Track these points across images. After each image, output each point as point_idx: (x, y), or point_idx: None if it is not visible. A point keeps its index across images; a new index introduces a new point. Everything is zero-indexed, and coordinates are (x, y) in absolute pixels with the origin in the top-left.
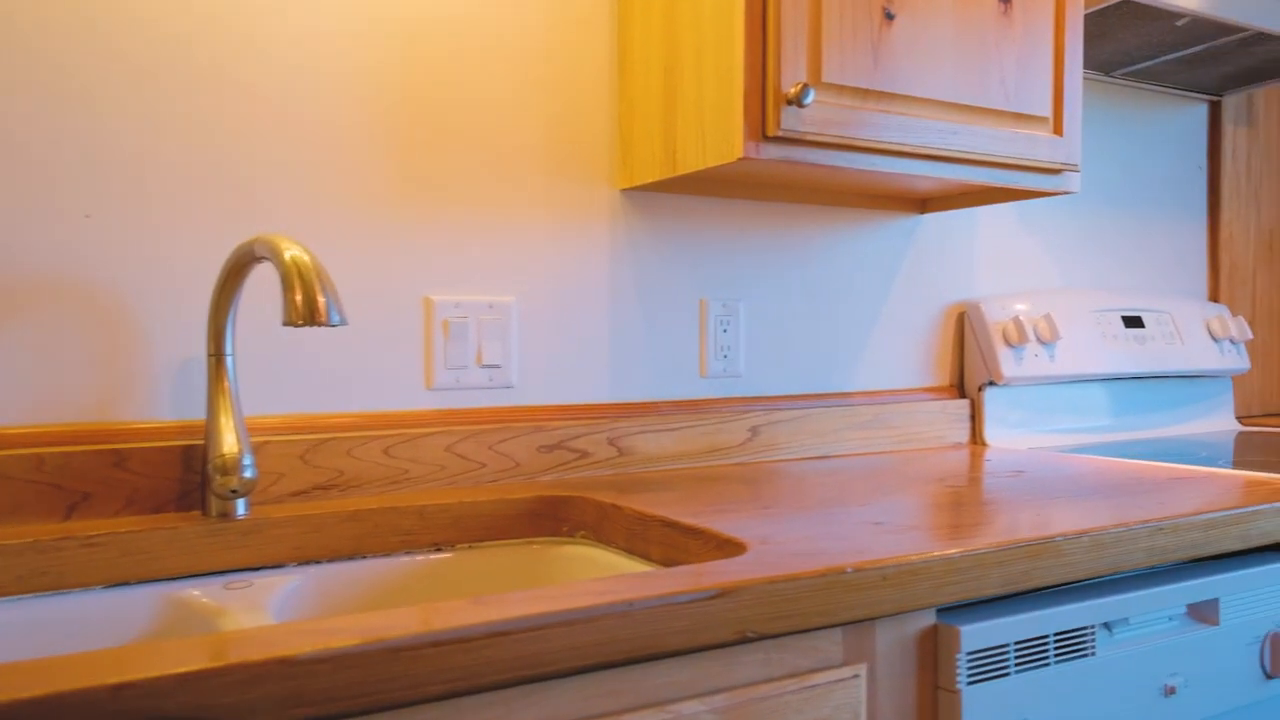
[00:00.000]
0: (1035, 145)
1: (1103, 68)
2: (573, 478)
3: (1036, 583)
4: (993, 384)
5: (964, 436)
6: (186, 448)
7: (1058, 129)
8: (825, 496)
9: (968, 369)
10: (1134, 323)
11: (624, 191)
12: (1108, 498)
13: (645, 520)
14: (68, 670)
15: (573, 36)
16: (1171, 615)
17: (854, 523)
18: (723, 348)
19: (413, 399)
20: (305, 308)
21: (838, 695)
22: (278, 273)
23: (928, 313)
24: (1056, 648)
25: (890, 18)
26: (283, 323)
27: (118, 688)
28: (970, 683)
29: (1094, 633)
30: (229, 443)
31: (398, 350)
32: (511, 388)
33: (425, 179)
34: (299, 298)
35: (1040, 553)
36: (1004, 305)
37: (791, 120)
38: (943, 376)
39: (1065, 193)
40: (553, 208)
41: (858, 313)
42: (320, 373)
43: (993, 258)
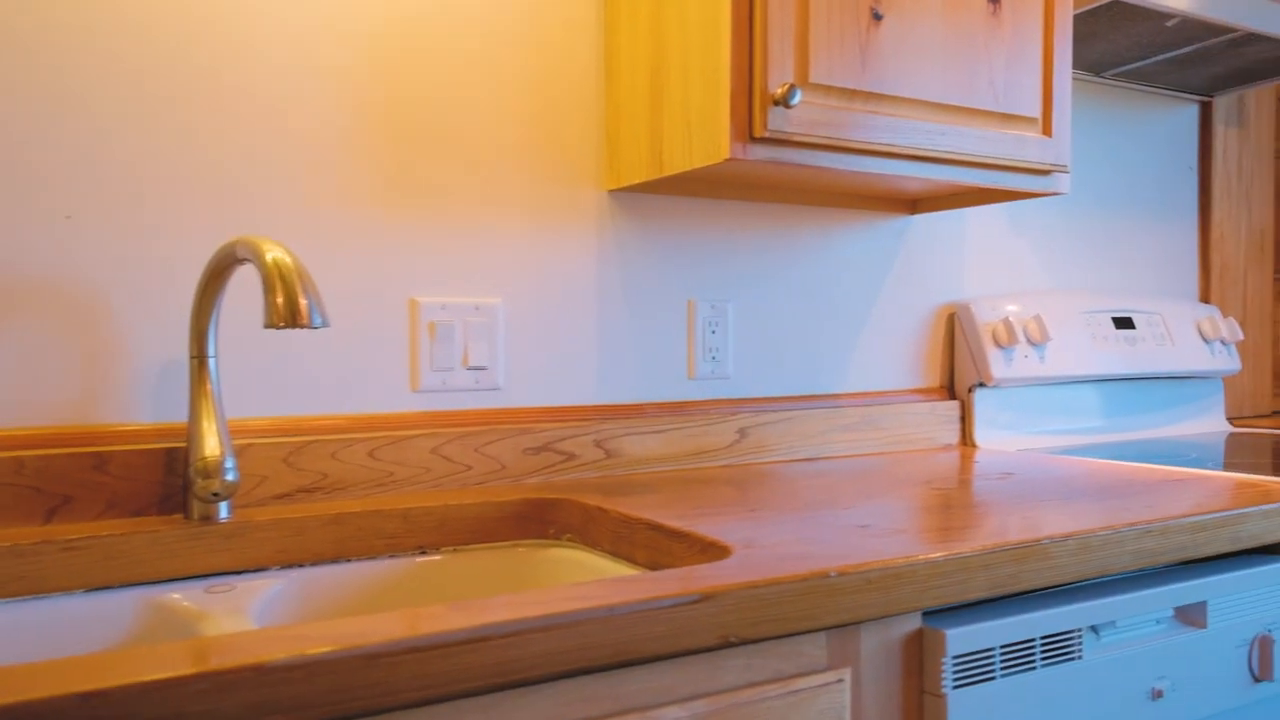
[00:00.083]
0: (1024, 146)
1: (1093, 68)
2: (559, 480)
3: (1023, 586)
4: (982, 385)
5: (954, 438)
6: (168, 450)
7: (1047, 130)
8: (812, 499)
9: (958, 370)
10: (1124, 324)
11: (611, 192)
12: (1096, 500)
13: (631, 523)
14: (36, 678)
15: (559, 37)
16: (1159, 618)
17: (840, 526)
18: (711, 349)
19: (398, 401)
20: (287, 310)
21: (822, 700)
22: (259, 274)
23: (917, 314)
24: (1043, 651)
25: (878, 18)
26: (264, 325)
27: (86, 696)
28: (956, 687)
29: (1081, 636)
30: (211, 446)
31: (383, 352)
32: (498, 389)
33: (411, 180)
34: (280, 300)
35: (1026, 556)
36: (994, 306)
37: (778, 121)
38: (932, 378)
39: (1054, 194)
40: (540, 209)
41: (847, 314)
42: (304, 375)
43: (983, 258)
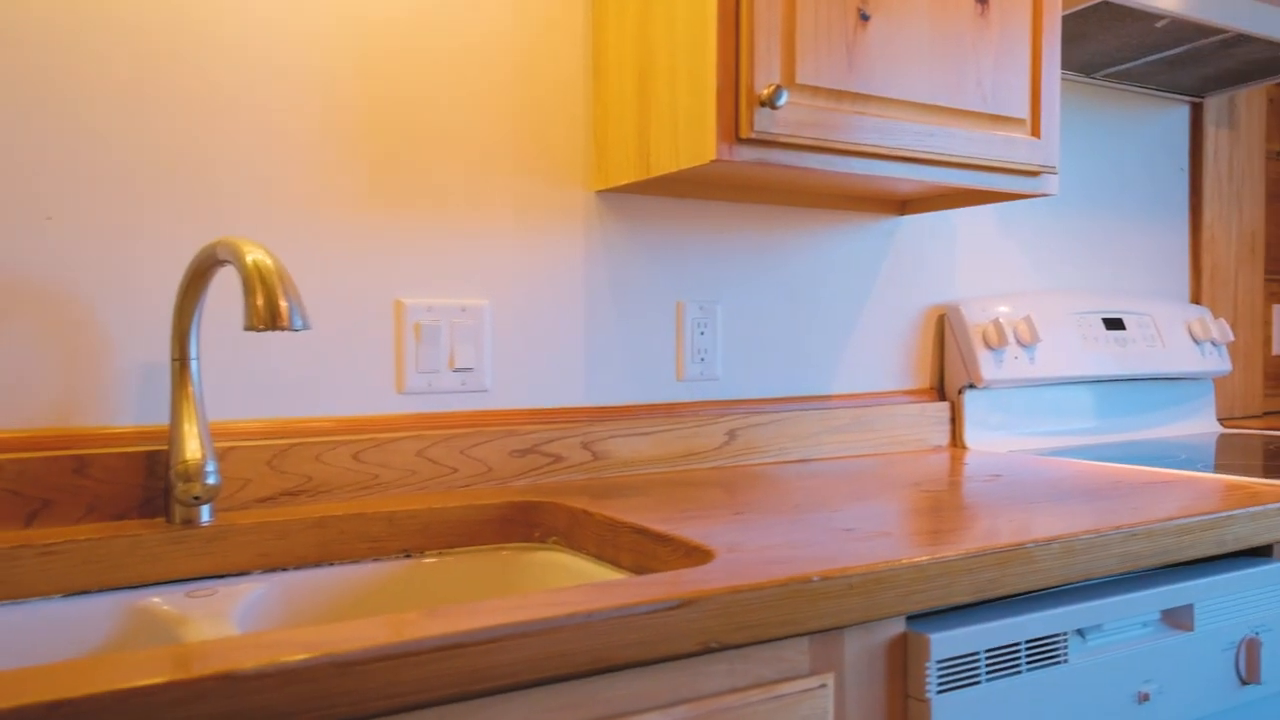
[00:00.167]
0: (1013, 147)
1: (1084, 69)
2: (546, 482)
3: (1007, 590)
4: (972, 386)
5: (944, 439)
6: (150, 453)
7: (1035, 131)
8: (799, 502)
9: (948, 371)
10: (1115, 325)
11: (599, 193)
12: (1084, 502)
13: (616, 526)
14: (3, 686)
15: (547, 37)
16: (1146, 621)
17: (825, 529)
18: (700, 350)
19: (383, 403)
20: (267, 312)
21: (805, 706)
22: (239, 276)
23: (907, 315)
24: (1028, 655)
25: (865, 19)
26: (244, 327)
27: (55, 705)
28: (940, 691)
29: (1067, 640)
30: (192, 449)
31: (368, 354)
32: (485, 391)
33: (397, 180)
34: (260, 301)
35: (1011, 559)
36: (984, 307)
37: (765, 122)
38: (923, 379)
39: (1043, 195)
40: (527, 209)
41: (837, 315)
42: (288, 377)
43: (973, 259)
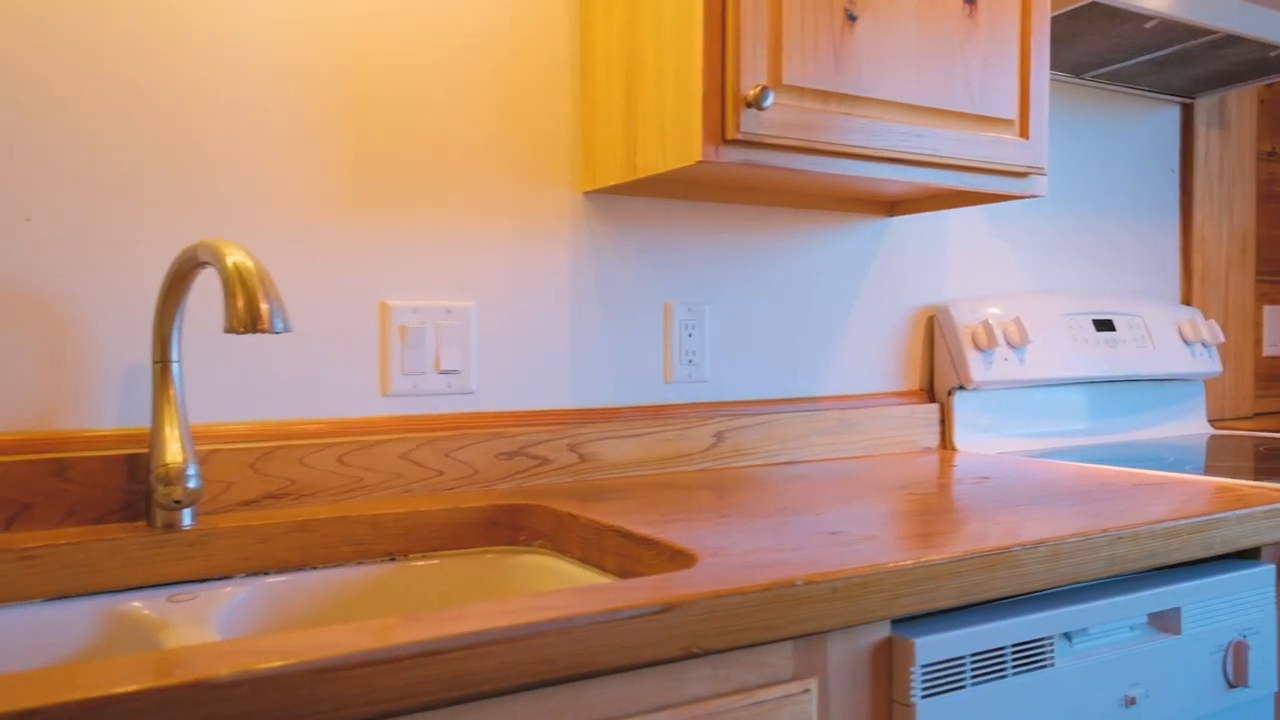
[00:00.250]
0: (1001, 148)
1: (1074, 70)
2: (533, 485)
3: (993, 593)
4: (962, 388)
5: (933, 441)
6: (131, 457)
7: (1024, 132)
8: (785, 504)
9: (937, 373)
10: (1105, 326)
11: (587, 194)
12: (1071, 505)
13: (601, 530)
14: None
15: (534, 36)
16: (1132, 625)
17: (810, 532)
18: (688, 352)
19: (368, 405)
20: (247, 314)
21: (788, 711)
22: (220, 278)
23: (897, 316)
24: (1014, 659)
25: (852, 19)
26: (224, 329)
27: (23, 714)
28: (925, 696)
29: (1053, 643)
30: (173, 452)
31: (353, 356)
32: (471, 394)
33: (382, 181)
34: (241, 304)
35: (996, 563)
36: (974, 309)
37: (751, 123)
38: (912, 380)
39: (1032, 196)
40: (514, 210)
41: (826, 316)
42: (273, 379)
43: (963, 261)
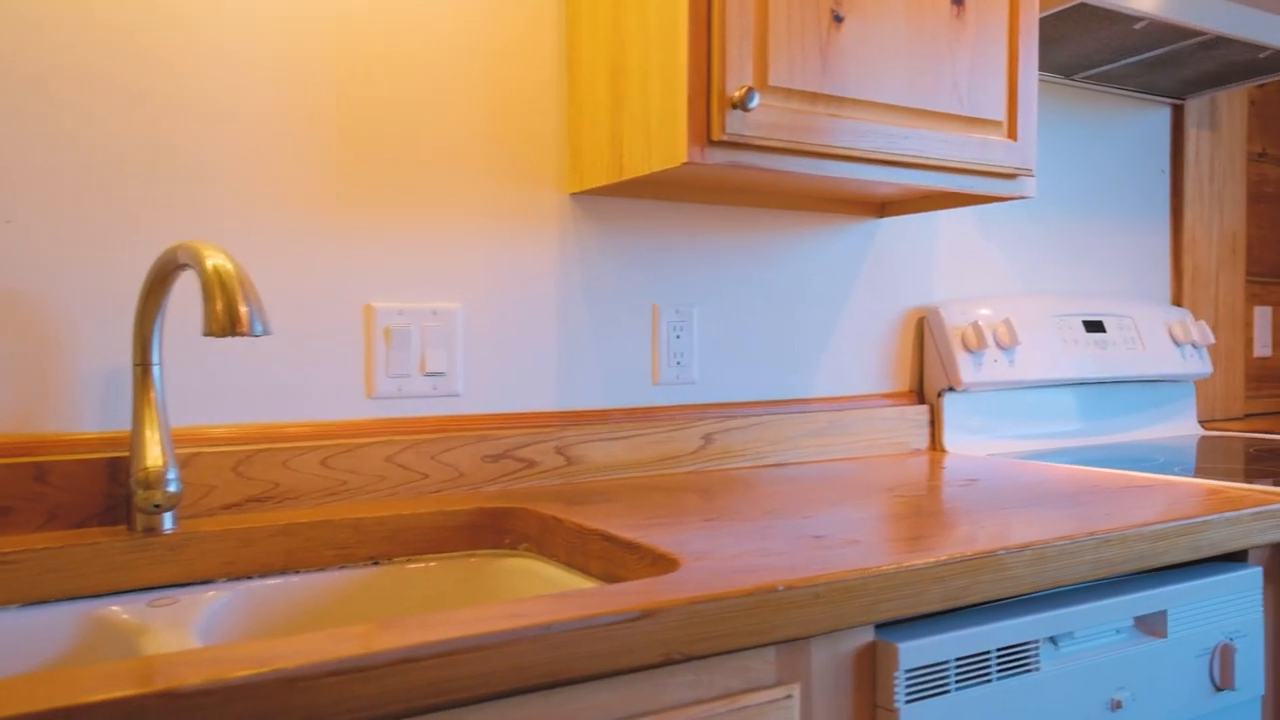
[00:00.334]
0: (989, 150)
1: (1064, 70)
2: (519, 488)
3: (977, 598)
4: (951, 390)
5: (923, 443)
6: (111, 460)
7: (1012, 133)
8: (772, 507)
9: (927, 374)
10: (1095, 327)
11: (574, 195)
12: (1059, 507)
13: (585, 534)
14: None
15: (520, 36)
16: (1119, 628)
17: (795, 536)
18: (676, 354)
19: (352, 408)
20: (226, 317)
21: (770, 717)
22: (199, 281)
23: (887, 318)
24: (999, 663)
25: (839, 20)
26: (203, 333)
27: None
28: (909, 701)
29: (1038, 647)
30: (153, 456)
31: (337, 358)
32: (456, 396)
33: (366, 182)
34: (220, 307)
35: (981, 567)
36: (964, 310)
37: (737, 124)
38: (902, 382)
39: (1020, 197)
40: (500, 211)
41: (815, 318)
42: (256, 382)
43: (953, 262)
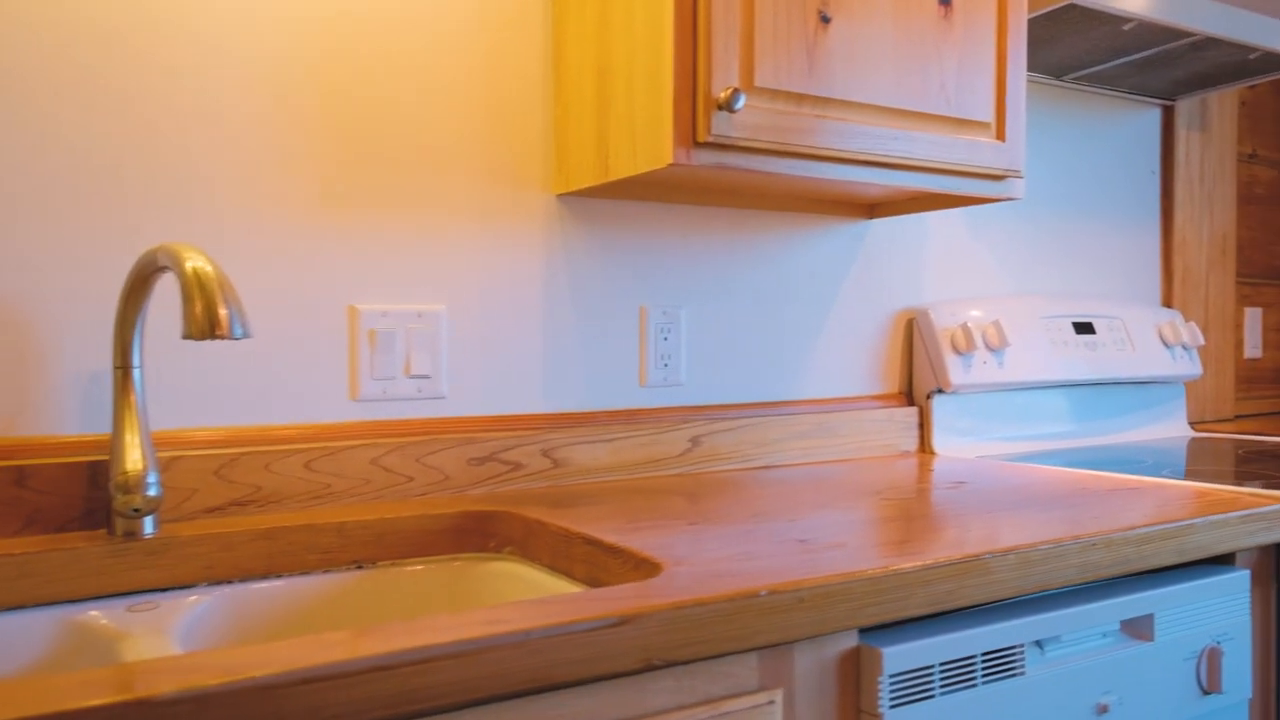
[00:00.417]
0: (977, 151)
1: (1054, 71)
2: (505, 491)
3: (963, 602)
4: (941, 391)
5: (912, 445)
6: (92, 464)
7: (1000, 134)
8: (758, 510)
9: (916, 376)
10: (1085, 329)
11: (560, 197)
12: (1046, 510)
13: (569, 537)
14: None
15: (506, 37)
16: (1105, 632)
17: (780, 539)
18: (663, 356)
19: (337, 411)
20: (205, 320)
21: None
22: (179, 283)
23: (876, 319)
24: (985, 668)
25: (826, 21)
26: (182, 336)
27: None
28: (894, 706)
29: (1024, 651)
30: (133, 459)
31: (321, 361)
32: (442, 398)
33: (351, 182)
34: (199, 309)
35: (967, 571)
36: (953, 311)
37: (723, 126)
38: (891, 384)
39: (1008, 199)
40: (486, 213)
41: (804, 319)
42: (239, 385)
43: (942, 263)
